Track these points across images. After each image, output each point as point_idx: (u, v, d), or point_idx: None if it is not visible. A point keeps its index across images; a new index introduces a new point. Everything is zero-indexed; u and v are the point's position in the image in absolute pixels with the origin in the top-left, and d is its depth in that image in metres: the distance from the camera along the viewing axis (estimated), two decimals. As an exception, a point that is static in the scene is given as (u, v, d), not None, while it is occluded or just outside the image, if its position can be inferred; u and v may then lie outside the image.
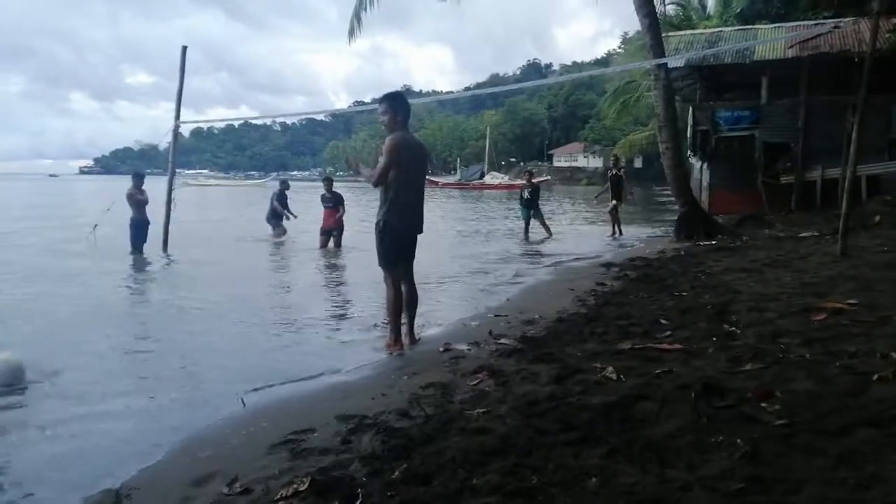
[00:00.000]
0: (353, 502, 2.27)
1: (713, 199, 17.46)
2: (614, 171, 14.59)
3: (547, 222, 14.14)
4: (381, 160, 4.56)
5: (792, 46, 16.43)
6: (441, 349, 4.63)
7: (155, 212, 11.08)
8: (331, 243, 11.60)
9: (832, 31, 16.35)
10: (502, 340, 4.70)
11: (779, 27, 18.73)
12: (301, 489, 2.39)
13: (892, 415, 2.56)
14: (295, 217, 13.60)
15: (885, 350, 3.46)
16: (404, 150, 4.57)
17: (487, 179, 65.30)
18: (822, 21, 17.49)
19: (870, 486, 2.03)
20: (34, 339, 5.24)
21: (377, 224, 4.70)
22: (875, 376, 3.04)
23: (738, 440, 2.42)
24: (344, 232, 11.81)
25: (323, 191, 12.15)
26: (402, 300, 4.79)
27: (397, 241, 4.68)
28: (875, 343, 3.64)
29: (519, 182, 24.72)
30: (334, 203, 11.82)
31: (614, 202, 14.04)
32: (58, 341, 5.17)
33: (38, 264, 9.46)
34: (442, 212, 23.87)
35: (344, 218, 11.84)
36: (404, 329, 4.88)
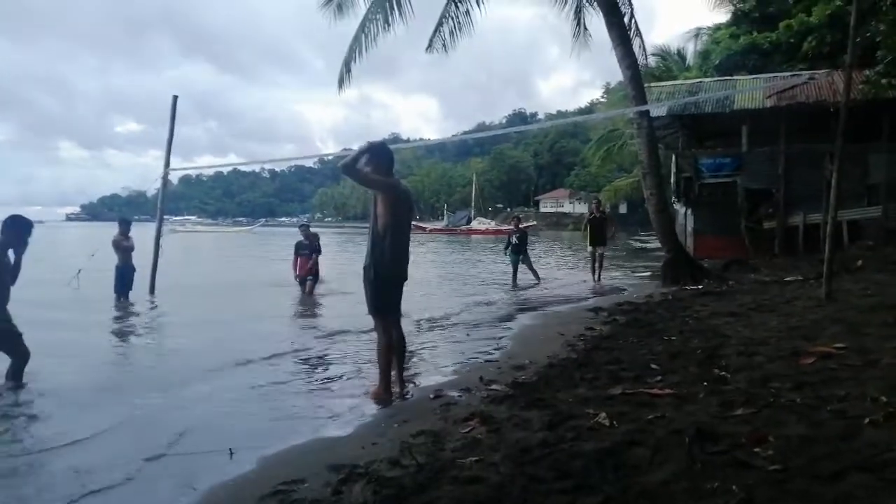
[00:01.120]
0: (345, 555, 2.21)
1: (698, 244, 17.69)
2: (596, 215, 14.14)
3: (535, 267, 14.21)
4: (374, 177, 4.58)
5: (770, 96, 16.96)
6: (432, 396, 4.59)
7: (142, 258, 11.03)
8: (308, 287, 11.55)
9: (808, 82, 16.92)
10: (493, 386, 4.66)
11: (757, 78, 19.35)
12: (291, 542, 2.34)
13: (884, 459, 2.57)
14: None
15: (875, 394, 3.48)
16: (395, 193, 4.65)
17: (474, 225, 65.90)
18: (797, 73, 18.12)
19: (865, 532, 2.02)
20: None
21: (365, 269, 4.69)
22: (866, 420, 3.05)
23: (733, 486, 2.41)
24: (320, 277, 11.87)
25: (300, 237, 12.06)
26: (392, 351, 4.73)
27: (387, 286, 4.66)
28: (865, 386, 3.66)
29: (506, 227, 24.91)
30: (310, 251, 11.80)
31: (594, 248, 13.75)
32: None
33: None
34: (431, 256, 23.93)
35: (319, 265, 11.87)
36: (394, 377, 4.82)
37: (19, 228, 5.32)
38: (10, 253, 5.29)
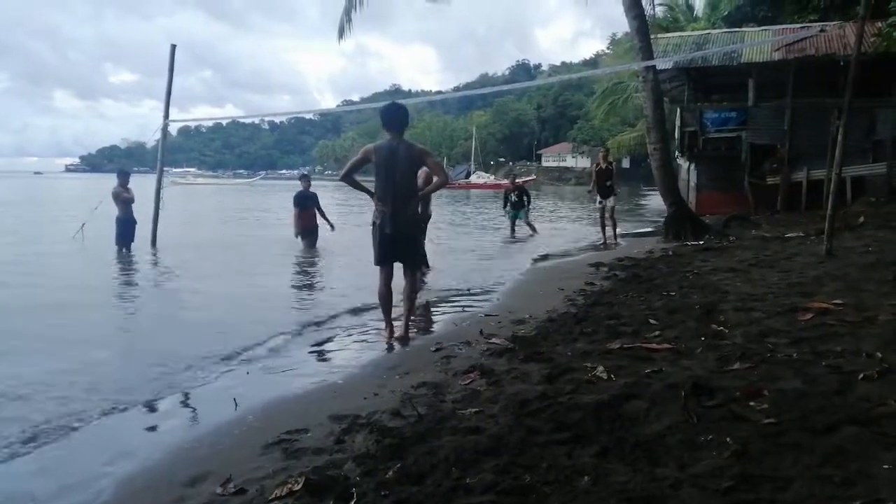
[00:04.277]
0: (348, 502, 2.28)
1: (700, 199, 17.61)
2: (603, 166, 12.75)
3: (532, 222, 14.20)
4: (346, 170, 5.10)
5: (778, 49, 16.61)
6: (432, 349, 4.65)
7: (143, 210, 11.02)
8: (309, 242, 11.23)
9: (818, 35, 16.54)
10: (493, 340, 4.72)
11: (766, 30, 18.92)
12: (295, 489, 2.40)
13: (877, 413, 2.61)
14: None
15: (870, 349, 3.52)
16: (375, 156, 4.92)
17: (473, 179, 65.55)
18: (808, 24, 17.69)
19: (855, 483, 2.07)
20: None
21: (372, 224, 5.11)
22: (860, 375, 3.09)
23: (728, 439, 2.46)
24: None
25: (301, 188, 11.65)
26: (389, 295, 5.13)
27: (385, 240, 4.98)
28: (861, 342, 3.70)
29: (504, 182, 24.73)
30: (312, 203, 11.47)
31: (601, 200, 12.56)
32: (41, 340, 5.13)
33: (23, 265, 9.37)
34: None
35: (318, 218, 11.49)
36: (400, 320, 5.19)
37: None
38: None
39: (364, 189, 5.28)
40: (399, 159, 4.92)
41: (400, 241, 5.01)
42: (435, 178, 5.42)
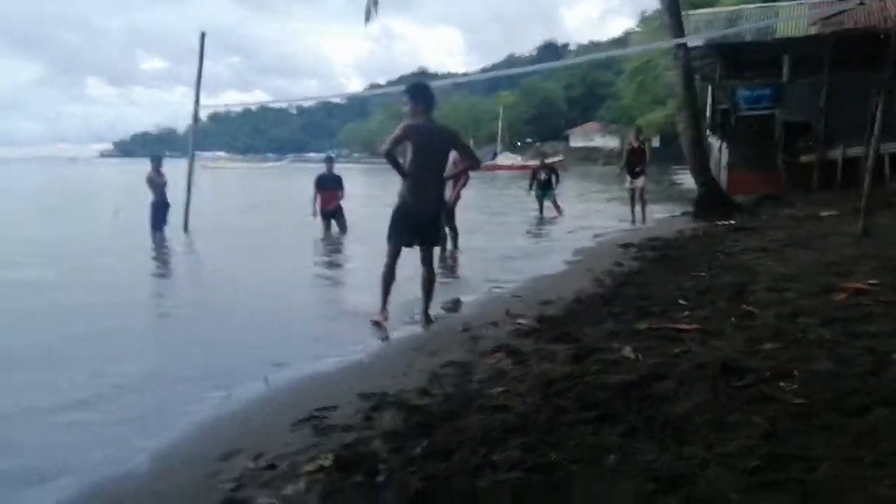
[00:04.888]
0: (376, 477, 2.33)
1: (732, 179, 17.23)
2: (634, 144, 12.60)
3: (559, 203, 14.10)
4: (390, 136, 4.87)
5: (815, 23, 16.09)
6: (459, 329, 4.68)
7: (175, 195, 11.22)
8: (334, 227, 11.09)
9: (857, 8, 15.96)
10: (520, 320, 4.72)
11: (801, 4, 18.31)
12: (325, 465, 2.45)
13: (911, 394, 2.57)
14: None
15: (905, 330, 3.45)
16: (415, 135, 4.80)
17: (500, 160, 64.74)
18: (846, -3, 17.08)
19: (886, 465, 2.05)
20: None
21: (396, 204, 5.03)
22: (895, 356, 3.04)
23: (756, 419, 2.45)
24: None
25: (324, 171, 11.50)
26: (394, 274, 5.01)
27: (407, 220, 4.92)
28: (896, 323, 3.63)
29: (532, 163, 24.45)
30: (335, 184, 11.32)
31: (632, 181, 12.30)
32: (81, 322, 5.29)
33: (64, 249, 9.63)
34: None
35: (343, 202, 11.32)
36: (419, 310, 5.11)
37: None
38: None
39: (401, 168, 4.90)
40: (436, 141, 4.92)
41: (424, 224, 4.97)
42: (465, 162, 5.48)
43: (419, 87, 5.08)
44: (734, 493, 1.96)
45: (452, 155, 5.53)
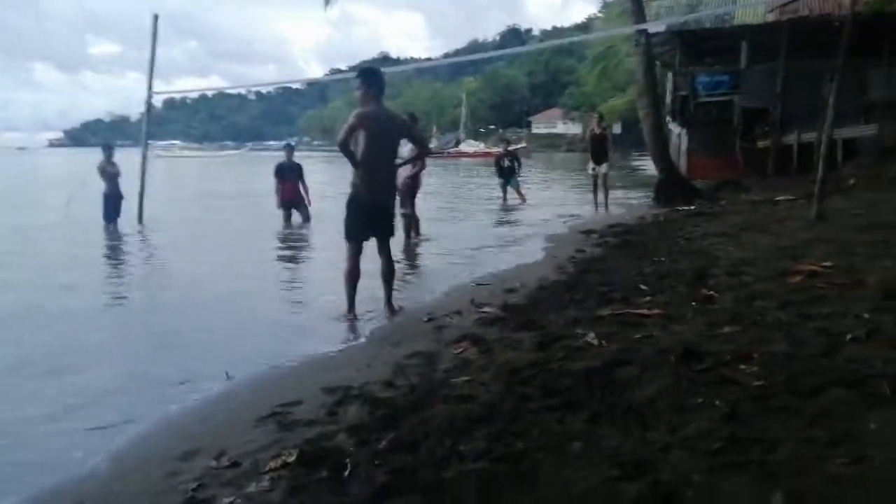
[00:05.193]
0: (342, 472, 2.29)
1: (692, 164, 17.52)
2: (597, 131, 12.79)
3: (522, 190, 14.16)
4: (344, 126, 4.72)
5: (772, 10, 16.39)
6: (424, 319, 4.66)
7: (129, 185, 10.89)
8: (296, 217, 10.87)
9: (812, -5, 16.33)
10: (484, 309, 4.72)
11: (758, -9, 18.66)
12: (289, 461, 2.41)
13: (863, 374, 2.64)
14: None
15: (858, 311, 3.55)
16: (368, 123, 4.66)
17: (463, 147, 64.73)
18: (801, -15, 17.45)
19: (841, 444, 2.10)
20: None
21: (348, 196, 4.87)
22: (848, 337, 3.13)
23: (718, 402, 2.49)
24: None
25: (283, 160, 11.24)
26: (358, 273, 4.87)
27: (362, 212, 4.79)
28: (849, 304, 3.73)
29: (496, 150, 24.52)
30: (296, 174, 11.07)
31: (594, 167, 12.49)
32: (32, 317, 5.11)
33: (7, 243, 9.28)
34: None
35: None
36: (382, 301, 5.01)
37: None
38: None
39: (354, 158, 4.73)
40: (388, 128, 4.84)
41: (378, 215, 4.88)
42: (417, 150, 5.47)
43: (371, 72, 4.95)
44: (697, 476, 1.99)
45: (408, 143, 5.47)
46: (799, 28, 16.10)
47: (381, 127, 4.76)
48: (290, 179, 11.09)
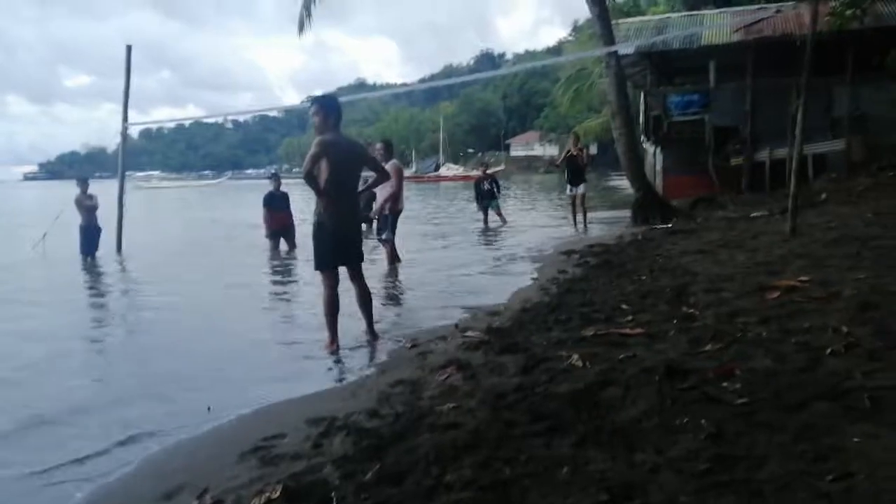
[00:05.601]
0: (327, 506, 2.25)
1: (667, 183, 17.79)
2: (574, 151, 12.86)
3: (503, 212, 14.26)
4: (308, 156, 4.67)
5: (737, 31, 16.83)
6: (408, 346, 4.63)
7: (107, 217, 10.77)
8: (283, 245, 10.88)
9: (775, 16, 16.80)
10: (468, 333, 4.71)
11: (724, 12, 19.15)
12: (273, 497, 2.36)
13: (844, 387, 2.67)
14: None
15: (836, 324, 3.59)
16: (330, 150, 4.62)
17: (443, 171, 65.30)
18: (764, 6, 17.97)
19: (827, 458, 2.11)
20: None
21: (313, 225, 4.81)
22: (828, 350, 3.16)
23: (703, 421, 2.49)
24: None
25: (271, 189, 11.33)
26: (337, 302, 4.82)
27: (331, 241, 4.73)
28: (827, 318, 3.78)
29: (475, 173, 24.69)
30: (284, 203, 11.13)
31: (572, 189, 12.70)
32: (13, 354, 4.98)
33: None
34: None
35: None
36: (363, 328, 4.97)
37: None
38: None
39: (318, 187, 4.65)
40: (349, 156, 4.80)
41: (349, 243, 4.85)
42: (382, 175, 5.48)
43: (329, 98, 4.95)
44: (684, 497, 1.98)
45: (394, 167, 5.46)
46: (764, 47, 16.54)
47: (343, 154, 4.72)
48: (280, 209, 11.10)
